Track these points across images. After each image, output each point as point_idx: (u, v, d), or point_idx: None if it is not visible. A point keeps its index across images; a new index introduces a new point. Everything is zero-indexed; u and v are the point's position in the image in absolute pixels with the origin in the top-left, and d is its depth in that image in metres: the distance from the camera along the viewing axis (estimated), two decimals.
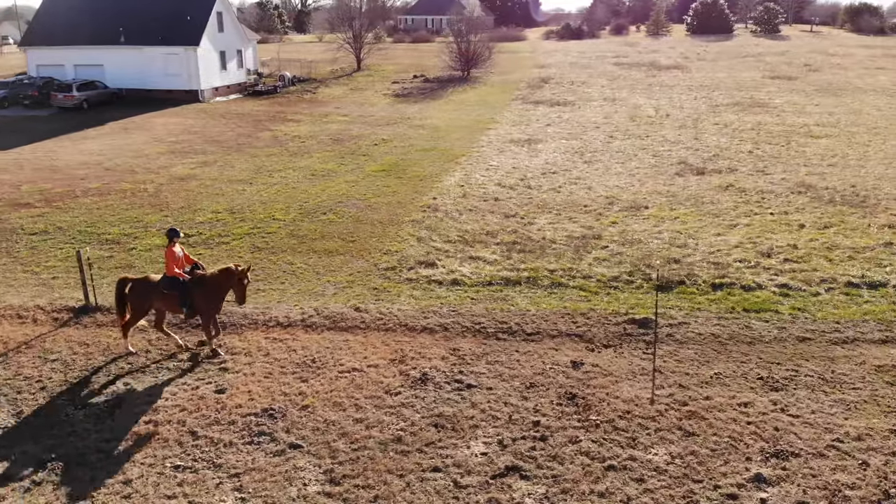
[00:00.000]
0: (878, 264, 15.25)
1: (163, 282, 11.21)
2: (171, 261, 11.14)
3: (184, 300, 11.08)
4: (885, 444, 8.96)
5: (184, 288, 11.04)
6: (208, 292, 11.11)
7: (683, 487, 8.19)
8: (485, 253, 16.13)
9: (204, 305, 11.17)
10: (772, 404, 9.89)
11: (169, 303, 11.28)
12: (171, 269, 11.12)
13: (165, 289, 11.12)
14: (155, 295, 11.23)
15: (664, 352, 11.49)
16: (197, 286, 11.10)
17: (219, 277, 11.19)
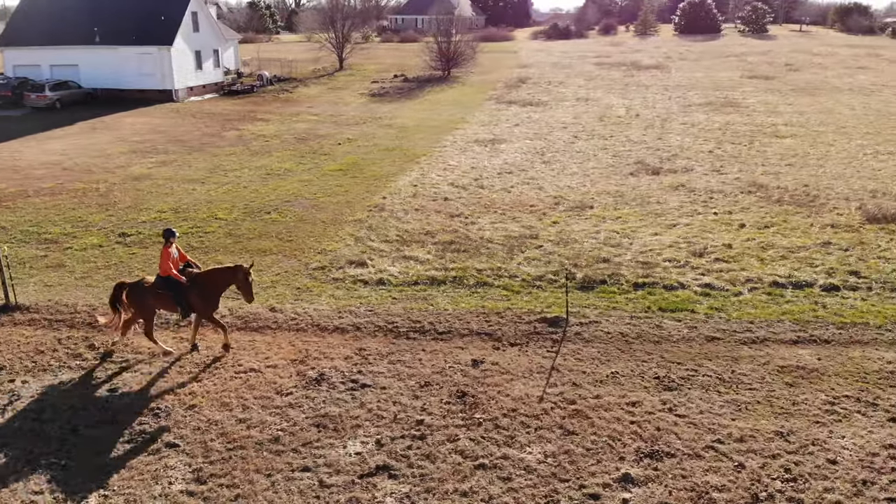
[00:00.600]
0: (810, 264, 15.19)
1: (157, 282, 11.13)
2: (167, 261, 10.99)
3: (179, 300, 11.00)
4: (767, 446, 8.91)
5: (178, 288, 10.96)
6: (203, 291, 11.02)
7: (548, 487, 8.15)
8: (419, 252, 16.10)
9: (199, 305, 11.09)
10: (661, 404, 9.85)
11: (164, 303, 11.19)
12: (167, 268, 10.97)
13: (160, 289, 11.04)
14: (150, 295, 11.13)
15: (568, 350, 11.47)
16: (191, 285, 10.99)
17: (215, 276, 11.15)
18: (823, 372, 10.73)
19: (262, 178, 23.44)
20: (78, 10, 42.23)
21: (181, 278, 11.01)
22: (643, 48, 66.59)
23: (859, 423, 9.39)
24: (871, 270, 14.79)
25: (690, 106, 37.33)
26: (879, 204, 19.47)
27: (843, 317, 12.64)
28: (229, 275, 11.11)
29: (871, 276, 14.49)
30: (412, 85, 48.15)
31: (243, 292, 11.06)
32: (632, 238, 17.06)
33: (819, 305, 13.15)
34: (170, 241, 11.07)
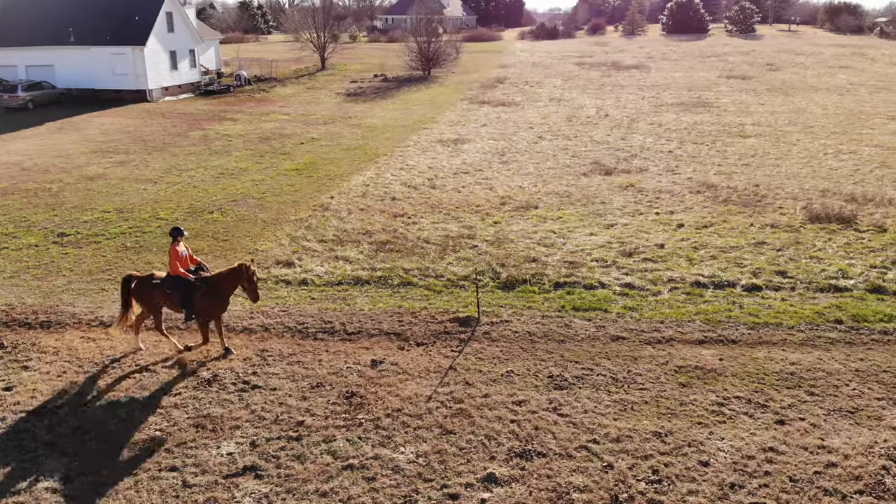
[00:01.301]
0: (738, 264, 15.15)
1: (166, 281, 10.93)
2: (175, 259, 10.80)
3: (184, 301, 10.81)
4: (642, 446, 8.88)
5: (186, 288, 10.77)
6: (211, 294, 10.82)
7: (410, 487, 8.13)
8: (352, 252, 16.08)
9: (204, 307, 10.89)
10: (547, 403, 9.83)
11: (170, 301, 11.03)
12: (175, 267, 10.79)
13: (168, 288, 10.85)
14: (157, 292, 10.97)
15: (472, 350, 11.45)
16: (199, 287, 10.81)
17: (224, 278, 10.91)
18: (721, 372, 10.71)
19: (214, 177, 23.44)
20: (53, 10, 42.32)
21: (190, 277, 10.80)
22: (627, 48, 66.53)
23: (744, 424, 9.36)
24: (799, 270, 14.75)
25: (662, 106, 37.28)
26: (826, 203, 19.43)
27: (757, 317, 12.61)
28: (236, 275, 10.81)
29: (798, 277, 14.45)
30: (390, 85, 48.14)
31: (249, 292, 10.87)
32: (566, 238, 17.03)
33: (736, 305, 13.12)
34: (177, 239, 10.87)
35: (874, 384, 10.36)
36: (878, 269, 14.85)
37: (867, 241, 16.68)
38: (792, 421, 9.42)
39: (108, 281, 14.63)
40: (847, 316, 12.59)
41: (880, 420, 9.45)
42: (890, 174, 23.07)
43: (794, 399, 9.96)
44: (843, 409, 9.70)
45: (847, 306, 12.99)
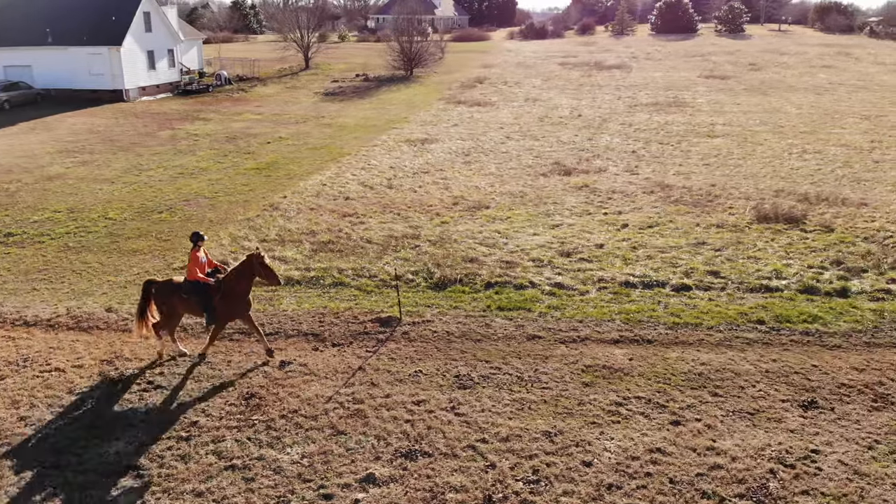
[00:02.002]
0: (673, 264, 15.12)
1: (184, 285, 10.82)
2: (194, 265, 10.68)
3: (205, 305, 10.69)
4: (529, 446, 8.87)
5: (205, 292, 10.66)
6: (229, 294, 10.66)
7: (287, 487, 8.13)
8: (290, 252, 16.06)
9: (225, 310, 10.73)
10: (447, 402, 9.82)
11: (190, 307, 10.88)
12: (194, 272, 10.66)
13: (185, 293, 10.73)
14: (177, 297, 10.83)
15: (387, 350, 11.44)
16: (217, 291, 10.68)
17: (238, 274, 10.71)
18: (628, 372, 10.69)
19: (172, 177, 23.43)
20: (31, 10, 42.32)
21: (209, 280, 10.70)
22: (613, 48, 66.48)
23: (637, 425, 9.34)
24: (733, 271, 14.72)
25: (636, 106, 37.23)
26: (777, 203, 19.38)
27: (678, 317, 12.58)
28: (248, 268, 10.64)
29: (730, 277, 14.42)
30: (371, 84, 48.13)
31: (267, 278, 10.68)
32: (510, 238, 17.01)
33: (660, 305, 13.09)
34: (198, 244, 10.75)
35: (782, 385, 10.34)
36: (815, 269, 14.82)
37: (811, 241, 16.64)
38: (687, 422, 9.40)
39: (42, 281, 14.64)
40: (770, 316, 12.56)
41: (779, 422, 9.43)
42: (850, 174, 23.03)
43: (696, 400, 9.94)
44: (743, 411, 9.68)
45: (773, 307, 12.96)
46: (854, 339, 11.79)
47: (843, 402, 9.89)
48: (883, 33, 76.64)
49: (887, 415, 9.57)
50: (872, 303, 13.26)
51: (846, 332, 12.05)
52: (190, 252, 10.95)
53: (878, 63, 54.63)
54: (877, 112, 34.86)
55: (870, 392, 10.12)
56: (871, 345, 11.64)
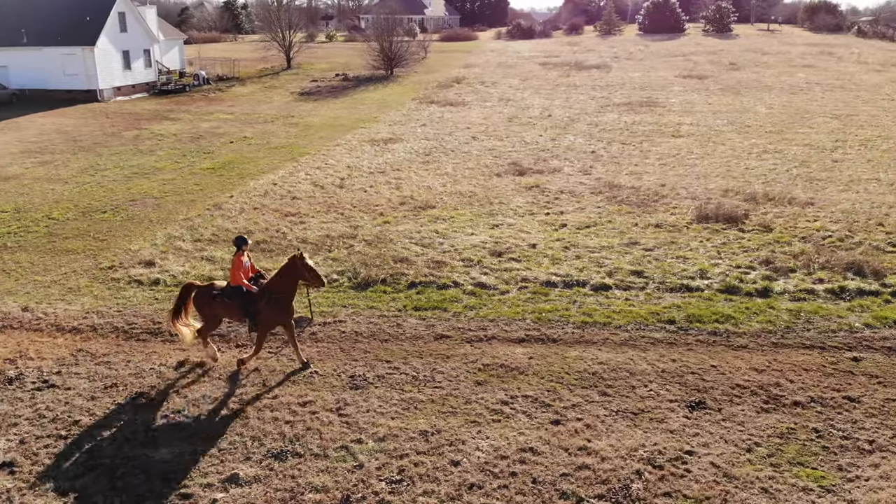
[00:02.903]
0: (600, 264, 15.10)
1: (226, 291, 10.58)
2: (238, 270, 10.40)
3: (247, 311, 10.45)
4: (403, 445, 8.87)
5: (248, 298, 10.41)
6: (273, 300, 10.40)
7: (148, 486, 8.14)
8: (220, 253, 16.05)
9: (269, 316, 10.48)
10: (334, 403, 9.81)
11: (231, 312, 10.64)
12: (237, 278, 10.39)
13: (227, 297, 10.49)
14: (218, 302, 10.60)
15: (291, 350, 11.42)
16: (261, 296, 10.44)
17: (282, 278, 10.44)
18: (524, 371, 10.68)
19: (127, 177, 23.45)
20: (6, 11, 42.38)
21: (252, 288, 10.43)
22: (597, 48, 66.42)
23: (517, 423, 9.34)
24: (658, 270, 14.70)
25: (608, 106, 37.18)
26: (721, 203, 19.35)
27: (590, 317, 12.57)
28: (291, 271, 10.36)
29: (653, 276, 14.41)
30: (349, 84, 48.14)
31: (311, 280, 10.38)
32: (446, 238, 16.99)
33: (575, 305, 13.08)
34: (241, 248, 10.51)
35: (674, 386, 10.33)
36: (743, 269, 14.80)
37: (746, 241, 16.61)
38: (568, 421, 9.39)
39: None
40: (682, 316, 12.54)
41: (661, 423, 9.41)
42: (805, 174, 22.98)
43: (583, 399, 9.93)
44: (627, 411, 9.67)
45: (688, 307, 12.94)
46: (762, 340, 11.77)
47: (733, 403, 9.88)
48: (871, 32, 76.50)
49: (775, 416, 9.55)
50: (792, 303, 13.24)
51: (756, 332, 12.02)
52: (233, 257, 10.63)
53: (859, 63, 54.51)
54: (848, 112, 34.80)
55: (763, 393, 10.10)
56: (778, 345, 11.62)
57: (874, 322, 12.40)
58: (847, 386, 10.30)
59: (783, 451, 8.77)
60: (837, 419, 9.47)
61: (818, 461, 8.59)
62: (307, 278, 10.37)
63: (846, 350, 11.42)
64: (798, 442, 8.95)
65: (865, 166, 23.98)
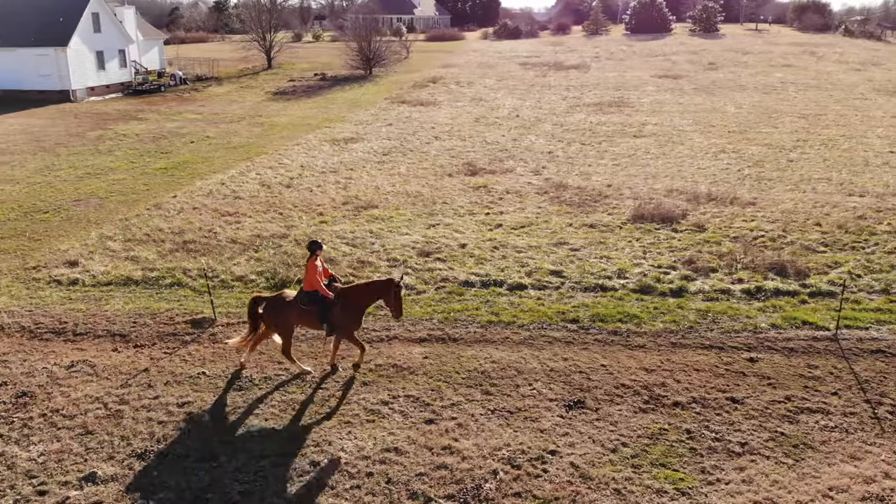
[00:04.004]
0: (522, 264, 15.08)
1: (301, 297, 10.36)
2: (313, 274, 10.19)
3: (324, 316, 10.29)
4: (272, 446, 8.86)
5: (324, 303, 10.24)
6: (349, 307, 10.25)
7: (8, 483, 8.16)
8: (147, 252, 16.07)
9: (343, 321, 10.33)
10: (212, 404, 9.81)
11: (308, 319, 10.43)
12: (313, 282, 10.18)
13: (304, 304, 10.27)
14: (293, 311, 10.39)
15: (187, 351, 11.45)
16: (337, 301, 10.27)
17: (365, 290, 10.34)
18: (415, 371, 10.67)
19: (78, 177, 23.47)
20: None
21: (328, 294, 10.24)
22: (580, 48, 66.41)
23: (390, 424, 9.32)
24: (577, 270, 14.68)
25: (578, 106, 37.15)
26: (661, 203, 19.35)
27: (496, 316, 12.56)
28: (381, 289, 10.18)
29: (571, 276, 14.40)
30: (326, 84, 48.16)
31: (393, 307, 10.12)
32: (380, 238, 16.98)
33: (486, 304, 13.07)
34: (316, 253, 10.26)
35: (559, 385, 10.32)
36: (664, 269, 14.79)
37: (676, 240, 16.60)
38: (442, 420, 9.38)
39: None
40: (587, 315, 12.54)
41: (534, 422, 9.40)
42: (756, 174, 22.96)
43: (464, 398, 9.92)
44: (504, 410, 9.66)
45: (597, 306, 12.93)
46: (661, 340, 11.76)
47: (613, 403, 9.87)
48: (858, 32, 76.43)
49: (651, 417, 9.54)
50: (704, 303, 13.23)
51: (657, 332, 12.01)
52: (307, 261, 10.42)
53: (840, 62, 54.47)
54: (817, 111, 34.78)
55: (645, 393, 10.09)
56: (676, 345, 11.61)
57: (782, 323, 12.39)
58: (735, 387, 10.29)
59: (649, 452, 8.76)
60: (714, 420, 9.46)
61: (682, 463, 8.58)
62: (390, 303, 10.16)
63: (745, 351, 11.41)
64: (667, 443, 8.94)
65: (820, 166, 23.97)
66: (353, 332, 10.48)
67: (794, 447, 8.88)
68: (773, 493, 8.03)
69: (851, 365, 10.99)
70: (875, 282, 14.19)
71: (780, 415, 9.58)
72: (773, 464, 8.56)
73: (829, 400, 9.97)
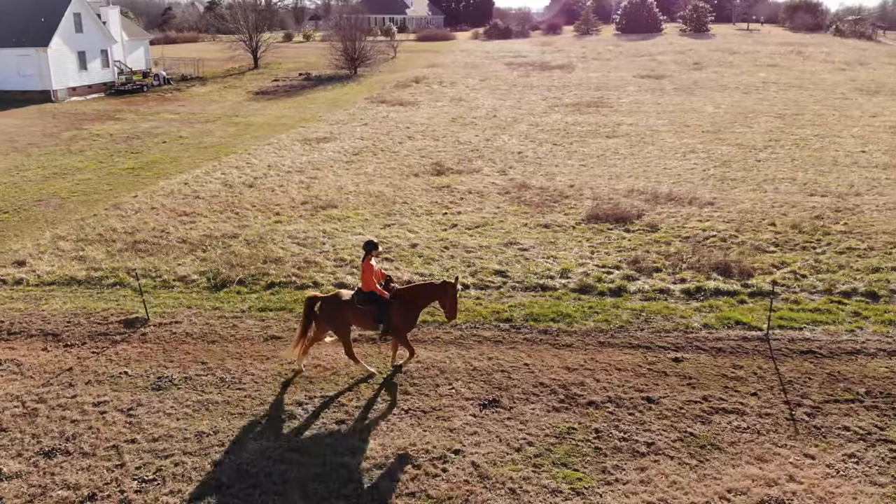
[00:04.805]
0: (469, 264, 15.06)
1: (357, 297, 10.34)
2: (370, 275, 10.16)
3: (380, 316, 10.26)
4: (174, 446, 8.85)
5: (381, 304, 10.23)
6: (404, 308, 10.27)
7: None
8: (96, 252, 16.08)
9: (400, 322, 10.34)
10: (128, 404, 9.81)
11: (364, 319, 10.39)
12: (370, 283, 10.15)
13: (360, 304, 10.25)
14: (349, 311, 10.38)
15: (116, 350, 11.45)
16: (394, 302, 10.25)
17: (419, 292, 10.38)
18: (338, 372, 10.67)
19: (45, 177, 23.50)
20: None
21: (385, 293, 10.24)
22: (568, 48, 66.40)
23: (300, 424, 9.32)
24: (521, 270, 14.68)
25: (556, 106, 37.14)
26: (618, 203, 19.36)
27: (432, 315, 12.48)
28: (437, 291, 10.19)
29: (514, 276, 14.39)
30: (309, 84, 48.19)
31: (448, 309, 10.14)
32: (332, 238, 16.98)
33: None
34: (371, 253, 10.23)
35: (478, 383, 10.32)
36: (608, 268, 14.78)
37: (626, 240, 16.59)
38: (353, 420, 9.39)
39: None
40: (521, 315, 12.53)
41: (446, 421, 9.40)
42: (721, 174, 22.93)
43: (381, 398, 9.93)
44: (419, 409, 9.66)
45: (533, 306, 12.93)
46: (590, 339, 11.75)
47: (528, 402, 9.86)
48: (849, 32, 76.36)
49: (562, 416, 9.53)
50: (642, 302, 13.22)
51: (588, 331, 12.01)
52: (363, 262, 10.38)
53: (826, 62, 54.43)
54: (795, 111, 34.75)
55: (562, 392, 10.09)
56: (604, 344, 11.61)
57: (715, 323, 12.39)
58: (653, 387, 10.29)
59: (553, 451, 8.76)
60: (625, 420, 9.46)
61: (584, 463, 8.58)
62: (445, 305, 10.18)
63: (672, 350, 11.41)
64: (573, 442, 8.93)
65: (788, 166, 23.96)
66: (406, 334, 10.52)
67: (700, 448, 8.88)
68: (668, 494, 8.03)
69: (778, 365, 10.99)
70: (819, 282, 14.18)
71: (693, 415, 9.59)
72: (676, 464, 8.56)
73: (747, 400, 9.97)
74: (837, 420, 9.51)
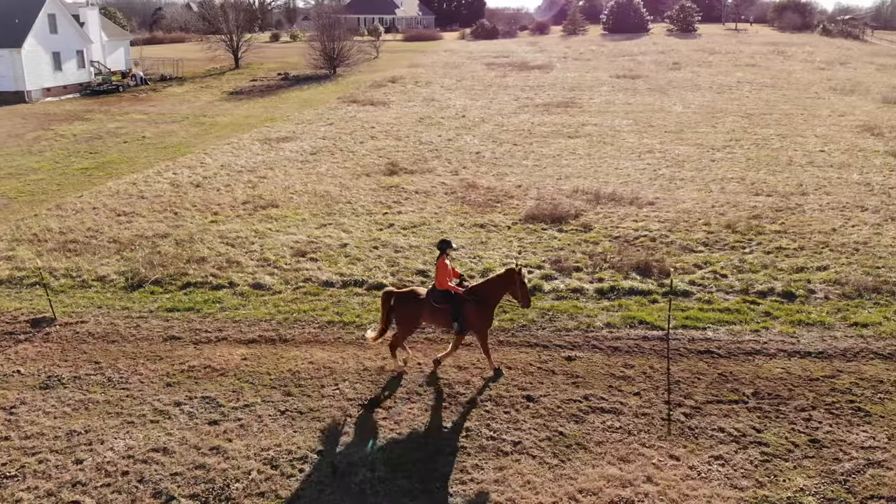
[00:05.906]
0: (393, 264, 15.12)
1: (433, 295, 10.34)
2: (444, 273, 10.21)
3: (455, 314, 10.26)
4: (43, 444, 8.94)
5: (456, 302, 10.25)
6: (479, 305, 10.23)
7: None
8: (25, 252, 16.13)
9: (477, 320, 10.33)
10: (10, 402, 9.89)
11: (438, 317, 10.42)
12: (444, 282, 10.21)
13: (436, 302, 10.26)
14: (423, 309, 10.41)
15: (14, 350, 11.53)
16: (469, 299, 10.25)
17: (493, 286, 10.28)
18: (225, 372, 10.71)
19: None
20: None
21: (459, 290, 10.26)
22: (552, 48, 66.41)
23: (172, 424, 9.36)
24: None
25: (526, 107, 37.13)
26: (559, 203, 19.38)
27: (340, 316, 12.60)
28: (507, 281, 10.11)
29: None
30: (286, 84, 48.26)
31: (520, 296, 10.11)
32: (264, 238, 17.01)
33: (334, 304, 13.11)
34: (446, 252, 10.28)
35: (365, 384, 10.34)
36: (529, 268, 14.75)
37: (556, 240, 16.61)
38: (226, 421, 9.42)
39: None
40: None
41: (320, 422, 9.43)
42: (671, 174, 22.91)
43: (262, 399, 9.97)
44: (296, 411, 9.66)
45: None
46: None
47: (409, 401, 9.89)
48: (836, 31, 76.28)
49: (440, 415, 9.55)
50: (553, 302, 13.25)
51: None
52: (438, 260, 10.37)
53: (805, 61, 54.38)
54: (763, 110, 34.72)
55: (446, 391, 10.11)
56: (503, 343, 11.62)
57: (619, 322, 12.41)
58: (537, 385, 10.31)
59: (417, 451, 8.79)
60: (499, 419, 9.49)
61: (445, 462, 8.60)
62: (516, 293, 10.15)
63: (568, 349, 11.44)
64: (439, 442, 8.97)
65: (741, 165, 23.95)
66: (486, 331, 10.49)
67: (566, 447, 8.90)
68: (518, 494, 8.05)
69: (671, 365, 11.01)
70: (738, 282, 14.18)
71: (569, 414, 9.61)
72: (537, 464, 8.58)
73: (628, 400, 9.99)
74: (714, 421, 9.51)
